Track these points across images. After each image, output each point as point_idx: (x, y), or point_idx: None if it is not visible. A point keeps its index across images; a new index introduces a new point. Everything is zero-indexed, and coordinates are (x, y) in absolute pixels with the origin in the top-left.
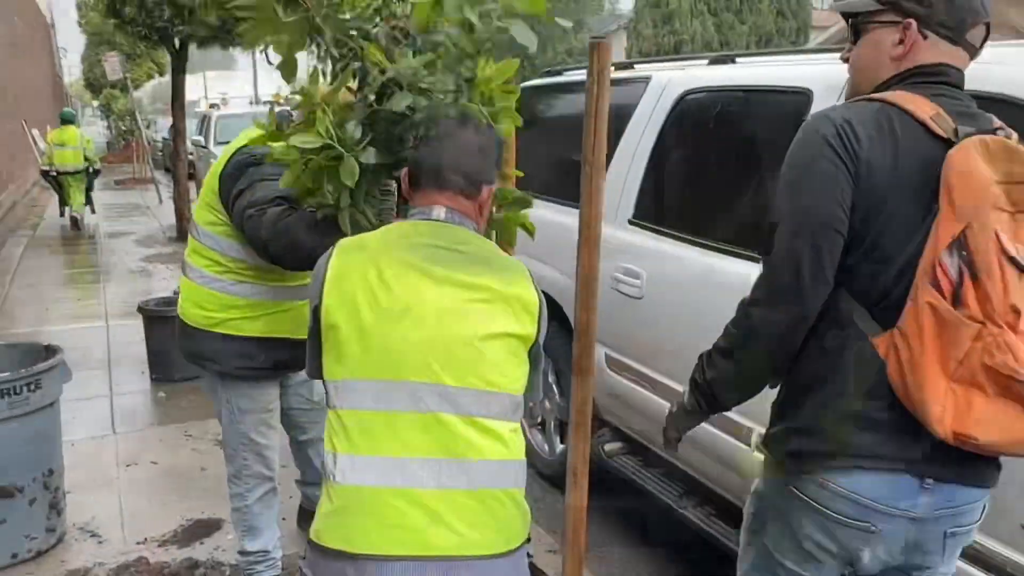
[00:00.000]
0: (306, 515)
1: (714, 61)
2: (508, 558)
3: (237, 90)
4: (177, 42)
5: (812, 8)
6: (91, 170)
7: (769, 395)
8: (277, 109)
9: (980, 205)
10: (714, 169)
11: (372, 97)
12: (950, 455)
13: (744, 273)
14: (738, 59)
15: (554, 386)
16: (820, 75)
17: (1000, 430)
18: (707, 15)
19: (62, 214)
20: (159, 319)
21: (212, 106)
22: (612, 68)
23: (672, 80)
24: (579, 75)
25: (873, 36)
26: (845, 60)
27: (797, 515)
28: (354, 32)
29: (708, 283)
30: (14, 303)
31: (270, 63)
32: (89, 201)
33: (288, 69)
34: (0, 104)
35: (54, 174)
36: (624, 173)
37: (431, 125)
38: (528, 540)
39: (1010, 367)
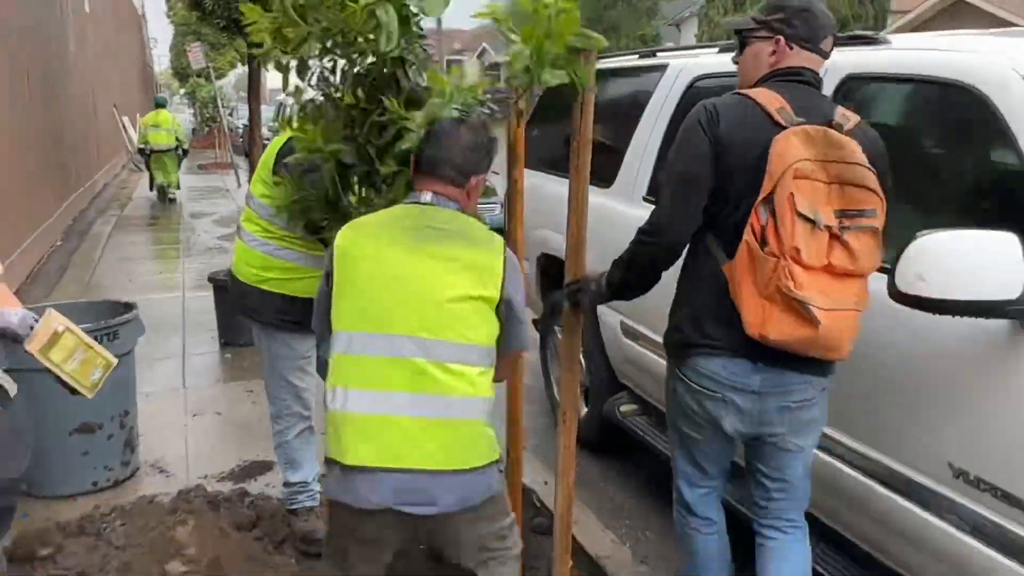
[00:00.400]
0: None
1: (723, 49)
2: (472, 474)
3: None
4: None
5: None
6: (180, 150)
7: None
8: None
9: (783, 175)
10: None
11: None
12: (777, 349)
13: None
14: None
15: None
16: None
17: (782, 332)
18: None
19: (151, 188)
20: (227, 288)
21: (289, 94)
22: (637, 56)
23: (685, 67)
24: (612, 63)
25: (754, 48)
26: (735, 63)
27: (680, 390)
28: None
29: None
30: (102, 275)
31: (280, 69)
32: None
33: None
34: (95, 94)
35: (148, 152)
36: (640, 154)
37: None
38: (496, 461)
39: (789, 288)
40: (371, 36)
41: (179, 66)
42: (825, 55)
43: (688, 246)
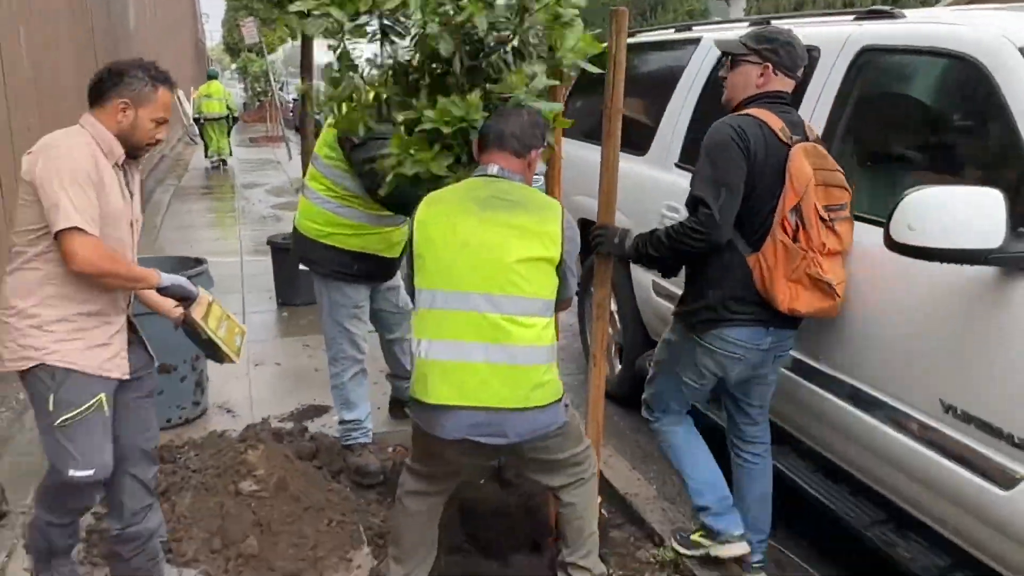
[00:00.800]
0: (396, 403)
1: (753, 24)
2: (537, 411)
3: (368, 53)
4: (305, 8)
5: None
6: (231, 117)
7: None
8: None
9: (806, 186)
10: None
11: None
12: (781, 316)
13: None
14: (772, 21)
15: (615, 315)
16: (826, 35)
17: (810, 305)
18: None
19: (206, 155)
20: (285, 251)
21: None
22: (673, 30)
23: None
24: (650, 37)
25: (744, 69)
26: (723, 79)
27: (698, 354)
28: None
29: None
30: (164, 241)
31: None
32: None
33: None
34: None
35: (202, 121)
36: (674, 122)
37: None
38: (559, 399)
39: (819, 274)
40: None
41: (231, 41)
42: (798, 80)
43: None
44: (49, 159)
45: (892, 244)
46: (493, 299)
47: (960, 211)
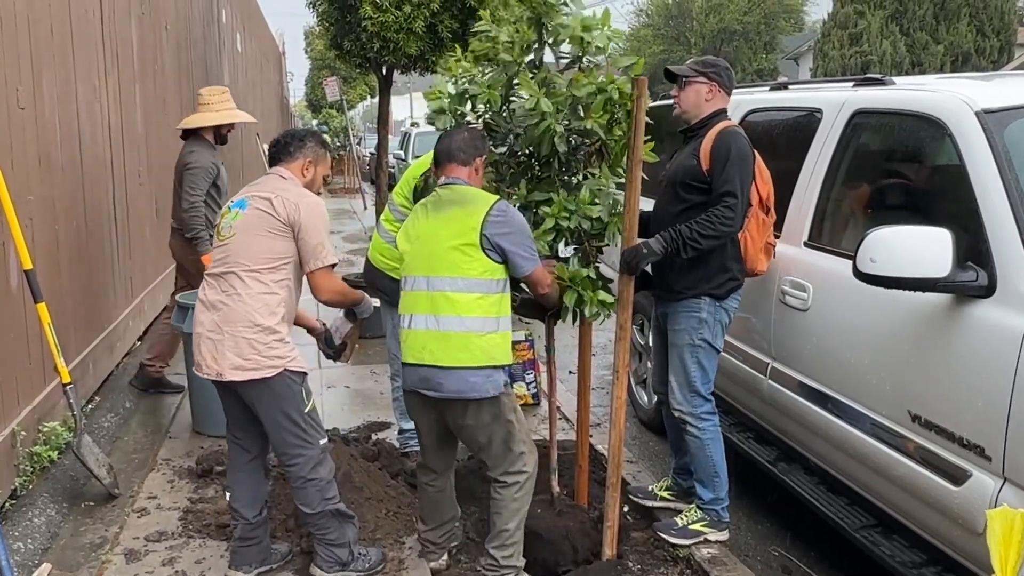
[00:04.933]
0: None
1: (773, 88)
2: (464, 371)
3: None
4: (384, 69)
5: (1017, 26)
6: None
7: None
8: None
9: (770, 180)
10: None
11: None
12: None
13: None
14: (790, 86)
15: (647, 352)
16: (828, 99)
17: (764, 266)
18: (898, 35)
19: None
20: (357, 288)
21: (413, 124)
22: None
23: (743, 101)
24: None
25: (694, 87)
26: (674, 96)
27: (723, 317)
28: None
29: None
30: None
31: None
32: None
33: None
34: (243, 124)
35: None
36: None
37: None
38: (492, 367)
39: (774, 240)
40: None
41: (313, 98)
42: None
43: None
44: (310, 207)
45: (858, 274)
46: (430, 280)
47: (913, 246)
